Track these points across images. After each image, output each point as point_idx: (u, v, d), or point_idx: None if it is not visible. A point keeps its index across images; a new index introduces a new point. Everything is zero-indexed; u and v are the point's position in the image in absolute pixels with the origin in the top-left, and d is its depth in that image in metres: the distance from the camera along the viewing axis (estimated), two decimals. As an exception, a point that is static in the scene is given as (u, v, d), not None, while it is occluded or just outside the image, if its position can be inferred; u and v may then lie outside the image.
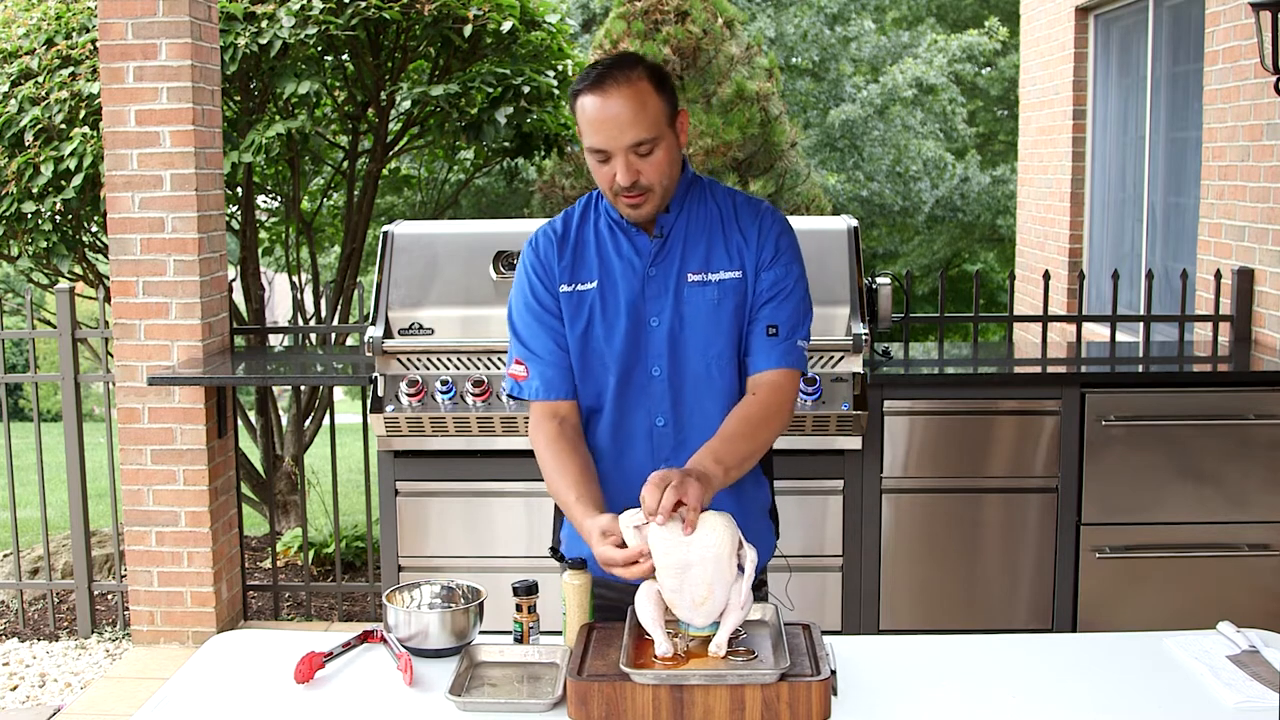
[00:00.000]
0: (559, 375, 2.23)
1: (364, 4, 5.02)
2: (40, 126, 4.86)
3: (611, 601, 2.16)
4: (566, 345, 2.24)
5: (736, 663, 1.88)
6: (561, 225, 2.28)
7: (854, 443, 3.81)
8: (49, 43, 5.10)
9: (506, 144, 5.67)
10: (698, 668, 1.86)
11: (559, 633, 2.14)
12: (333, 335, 4.74)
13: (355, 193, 5.75)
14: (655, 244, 2.21)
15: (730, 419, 2.17)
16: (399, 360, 3.84)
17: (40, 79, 4.97)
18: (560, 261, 2.24)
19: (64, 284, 4.73)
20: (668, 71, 2.16)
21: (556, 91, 5.62)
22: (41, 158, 4.79)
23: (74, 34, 5.11)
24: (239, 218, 5.46)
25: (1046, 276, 4.62)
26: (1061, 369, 4.20)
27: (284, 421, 5.87)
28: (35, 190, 4.82)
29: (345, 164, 5.83)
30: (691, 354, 2.21)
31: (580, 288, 2.23)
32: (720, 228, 2.24)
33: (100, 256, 5.48)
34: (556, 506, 2.40)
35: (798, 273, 2.24)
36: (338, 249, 6.73)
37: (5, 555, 5.28)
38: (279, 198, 6.05)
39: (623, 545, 1.94)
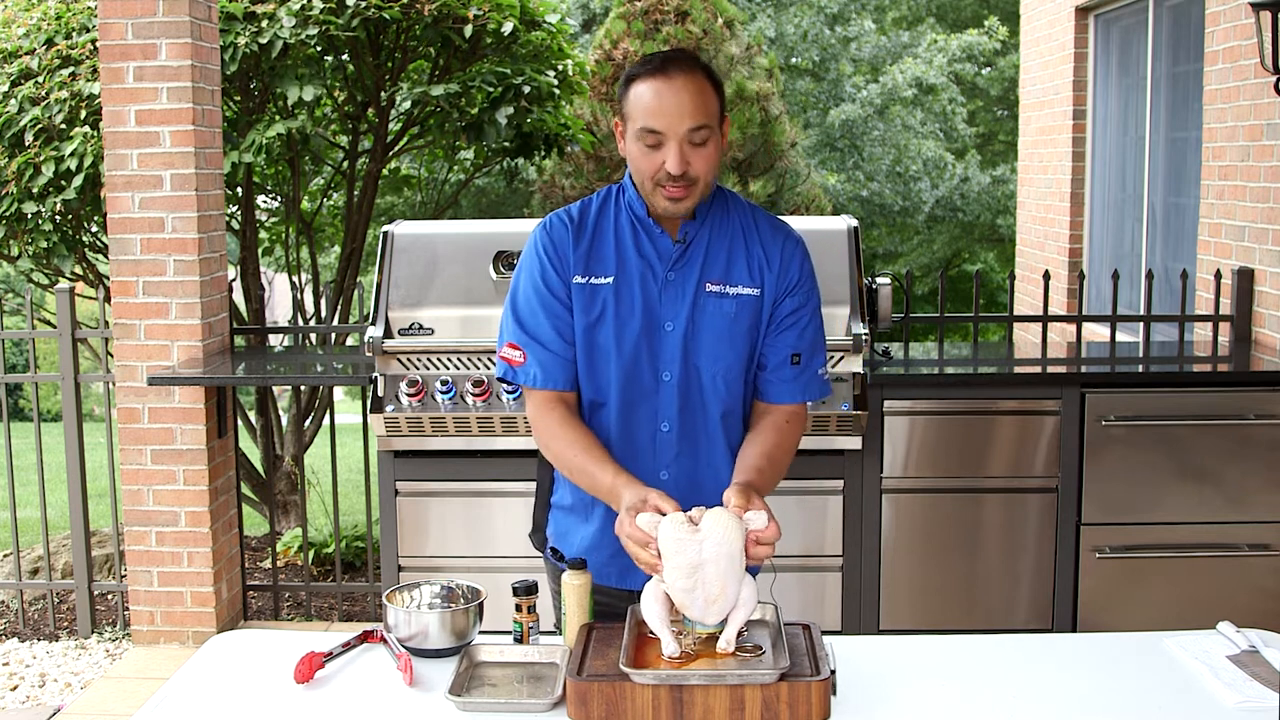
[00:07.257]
0: (559, 365, 2.18)
1: (364, 4, 5.02)
2: (40, 126, 4.85)
3: (606, 607, 2.16)
4: (571, 336, 2.18)
5: (745, 659, 1.89)
6: (579, 213, 2.21)
7: (854, 443, 3.81)
8: (49, 43, 5.10)
9: (506, 144, 5.66)
10: (705, 667, 1.86)
11: (558, 632, 2.14)
12: (333, 335, 4.74)
13: (355, 193, 5.75)
14: (677, 249, 2.17)
15: (759, 452, 2.15)
16: (399, 360, 3.84)
17: (40, 79, 4.97)
18: (576, 250, 2.18)
19: (64, 284, 4.72)
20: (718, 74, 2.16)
21: (557, 91, 5.61)
22: (41, 158, 4.79)
23: (74, 34, 5.11)
24: (239, 218, 5.46)
25: (1046, 276, 4.62)
26: (1061, 369, 4.20)
27: (284, 421, 5.86)
28: (35, 190, 4.82)
29: (345, 164, 5.82)
30: (702, 363, 2.18)
31: (595, 281, 2.17)
32: (742, 240, 2.21)
33: (100, 256, 5.48)
34: (542, 503, 2.38)
35: (816, 302, 2.26)
36: (338, 249, 6.72)
37: (5, 555, 5.28)
38: (279, 198, 6.05)
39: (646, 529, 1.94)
